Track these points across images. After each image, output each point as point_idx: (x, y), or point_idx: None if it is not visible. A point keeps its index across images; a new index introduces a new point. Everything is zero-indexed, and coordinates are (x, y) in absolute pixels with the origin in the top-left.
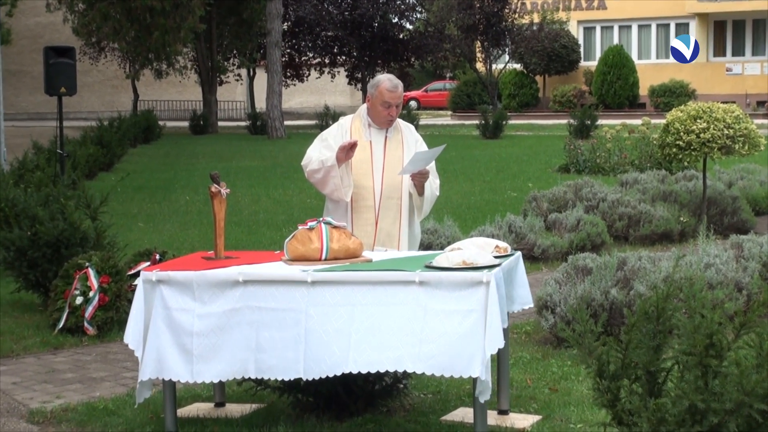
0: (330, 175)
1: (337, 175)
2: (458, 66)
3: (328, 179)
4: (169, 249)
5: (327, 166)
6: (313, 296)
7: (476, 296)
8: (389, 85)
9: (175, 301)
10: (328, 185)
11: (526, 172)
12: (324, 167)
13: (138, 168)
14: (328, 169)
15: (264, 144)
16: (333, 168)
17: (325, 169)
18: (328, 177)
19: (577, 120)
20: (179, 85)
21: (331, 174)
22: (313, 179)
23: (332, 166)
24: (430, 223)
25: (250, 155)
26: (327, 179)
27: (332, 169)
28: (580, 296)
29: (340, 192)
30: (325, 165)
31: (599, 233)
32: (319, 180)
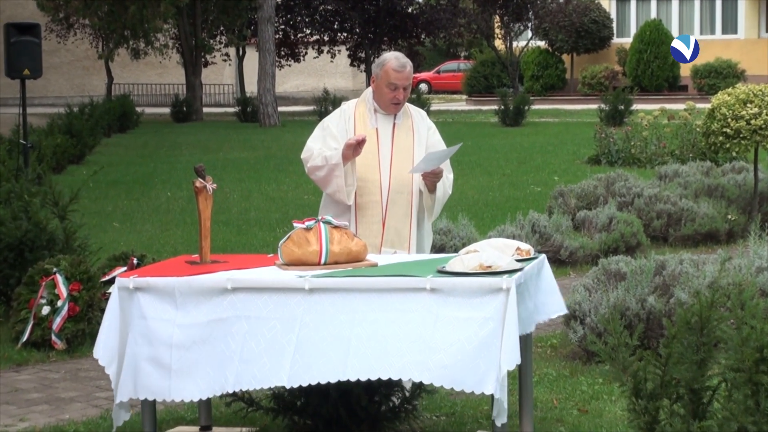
0: (334, 174)
1: (341, 175)
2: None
3: (331, 178)
4: (148, 252)
5: (331, 164)
6: (310, 305)
7: (494, 304)
8: (396, 64)
9: (154, 311)
10: (331, 185)
11: (552, 164)
12: (327, 165)
13: (113, 160)
14: (332, 167)
15: (255, 133)
16: (338, 167)
17: (329, 167)
18: (332, 176)
19: (609, 105)
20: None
21: (335, 173)
22: (314, 176)
23: (336, 165)
24: (442, 222)
25: (239, 146)
26: (330, 178)
27: (336, 168)
28: (613, 305)
29: (342, 194)
30: (328, 162)
31: (634, 233)
32: (320, 178)
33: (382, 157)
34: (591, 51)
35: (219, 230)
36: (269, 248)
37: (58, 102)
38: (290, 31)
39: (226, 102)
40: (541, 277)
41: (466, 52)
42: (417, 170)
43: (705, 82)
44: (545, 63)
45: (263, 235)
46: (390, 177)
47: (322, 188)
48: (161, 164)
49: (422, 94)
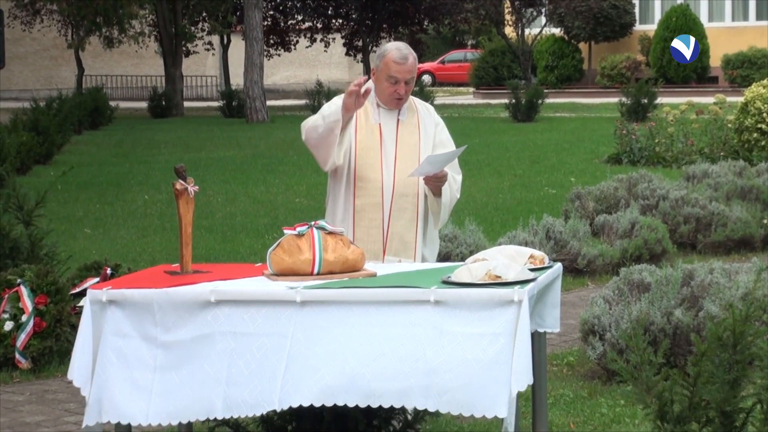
0: (334, 133)
1: (337, 132)
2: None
3: (332, 138)
4: (124, 261)
5: (330, 121)
6: (302, 319)
7: (505, 318)
8: (397, 55)
9: (130, 327)
10: (322, 147)
11: (568, 163)
12: (326, 123)
13: (83, 160)
14: (331, 125)
15: (241, 129)
16: (338, 123)
17: (328, 126)
18: (332, 135)
19: (630, 98)
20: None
21: (335, 131)
22: (311, 141)
23: (336, 122)
24: (448, 227)
25: (224, 143)
26: (330, 138)
27: (336, 125)
28: (636, 319)
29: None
30: (327, 120)
31: (659, 240)
32: (317, 138)
33: (385, 156)
34: (611, 39)
35: (202, 237)
36: (257, 257)
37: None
38: (280, 18)
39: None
40: (551, 287)
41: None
42: (418, 173)
43: (737, 73)
44: (560, 52)
45: (250, 242)
46: (394, 177)
47: (316, 155)
48: (137, 164)
49: (425, 87)
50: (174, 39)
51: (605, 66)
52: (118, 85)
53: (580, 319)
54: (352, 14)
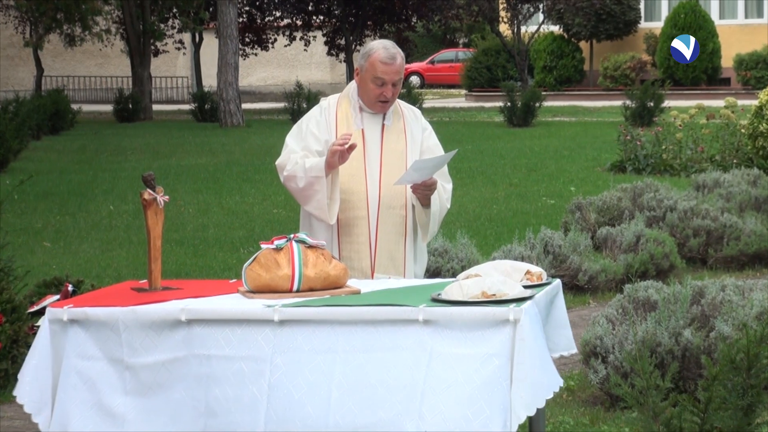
0: (314, 189)
1: (322, 189)
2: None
3: (311, 193)
4: (86, 277)
5: (311, 176)
6: (280, 340)
7: (499, 339)
8: (384, 54)
9: (94, 349)
10: (311, 201)
11: (567, 171)
12: (307, 177)
13: (43, 168)
14: (312, 180)
15: (215, 135)
16: (319, 180)
17: (308, 180)
18: (311, 190)
19: (635, 101)
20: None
21: (315, 187)
22: (291, 188)
23: (318, 178)
24: (437, 240)
25: (195, 150)
26: (309, 193)
27: (318, 182)
28: (642, 340)
29: (324, 212)
30: (308, 174)
31: (666, 254)
32: (298, 191)
33: (369, 165)
34: (614, 37)
35: (172, 251)
36: (231, 272)
37: None
38: (256, 14)
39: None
40: (555, 305)
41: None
42: (404, 181)
43: (751, 74)
44: (559, 52)
45: (224, 256)
46: (379, 188)
47: (301, 203)
48: (102, 172)
49: (413, 89)
50: (142, 37)
51: (608, 66)
52: (80, 87)
53: (581, 340)
54: (335, 10)
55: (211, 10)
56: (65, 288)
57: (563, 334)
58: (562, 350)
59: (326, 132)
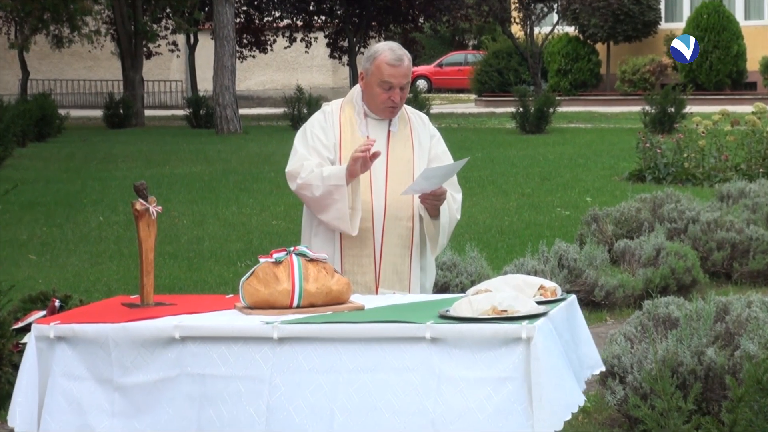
0: (333, 197)
1: (343, 198)
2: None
3: (330, 203)
4: (74, 292)
5: (330, 185)
6: (280, 359)
7: (512, 359)
8: (391, 56)
9: (83, 368)
10: (329, 210)
11: (583, 181)
12: (325, 185)
13: (28, 176)
14: (331, 189)
15: (210, 142)
16: (339, 189)
17: (327, 189)
18: (330, 199)
19: (655, 107)
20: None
21: (334, 196)
22: (307, 197)
23: (338, 187)
24: (446, 254)
25: (190, 158)
26: (328, 202)
27: (337, 191)
28: (662, 359)
29: (345, 222)
30: (327, 183)
31: (688, 268)
32: (314, 200)
33: (374, 174)
34: (633, 39)
35: (165, 264)
36: (228, 287)
37: None
38: (254, 14)
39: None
40: (574, 322)
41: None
42: (413, 190)
43: None
44: (575, 54)
45: (220, 270)
46: (385, 198)
47: (315, 212)
48: (91, 181)
49: (420, 94)
50: (133, 38)
51: (626, 70)
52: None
53: None
54: (337, 10)
55: (206, 10)
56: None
57: (588, 351)
58: (592, 369)
59: (333, 136)
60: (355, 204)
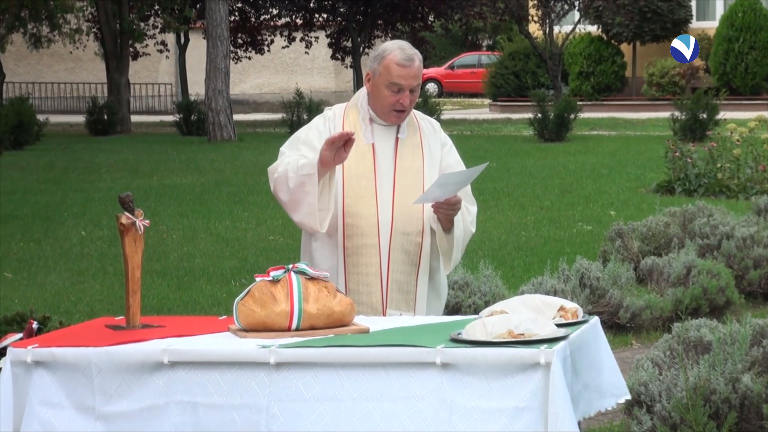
0: (305, 190)
1: (313, 190)
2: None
3: (302, 196)
4: (54, 313)
5: (303, 174)
6: (278, 387)
7: (530, 387)
8: (401, 56)
9: (61, 395)
10: (301, 206)
11: (607, 193)
12: (298, 176)
13: (4, 187)
14: (303, 179)
15: (202, 150)
16: (311, 178)
17: (299, 180)
18: (302, 191)
19: (686, 113)
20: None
21: (306, 187)
22: (282, 193)
23: (310, 175)
24: (458, 272)
25: (180, 168)
26: (300, 195)
27: (310, 180)
28: (694, 386)
29: (313, 218)
30: (300, 173)
31: (722, 288)
32: (288, 195)
33: (380, 185)
34: (661, 39)
35: (153, 283)
36: (221, 308)
37: None
38: (250, 12)
39: (162, 108)
40: (597, 346)
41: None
42: (425, 199)
43: None
44: (598, 55)
45: (213, 289)
46: (392, 211)
47: (290, 212)
48: (72, 193)
49: (430, 98)
50: (118, 38)
51: (654, 73)
52: (48, 95)
53: None
54: (340, 8)
55: (198, 7)
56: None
57: (615, 379)
58: (618, 397)
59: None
60: (327, 203)
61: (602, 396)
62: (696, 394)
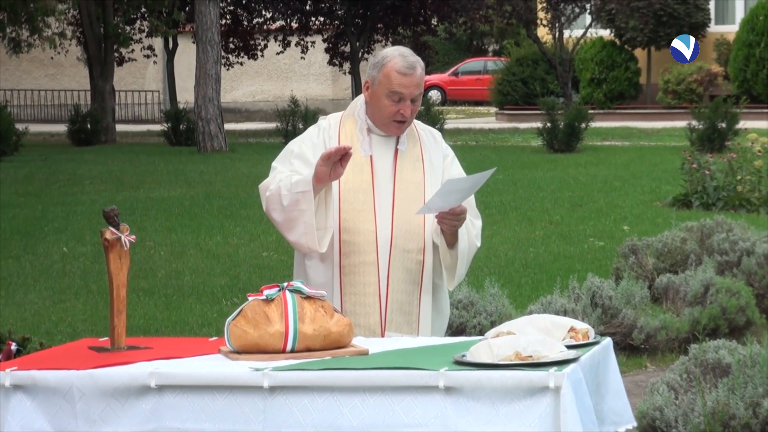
0: (300, 208)
1: (310, 208)
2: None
3: (297, 215)
4: (34, 334)
5: (297, 192)
6: (272, 412)
7: (538, 412)
8: (402, 63)
9: (41, 421)
10: (297, 226)
11: (620, 207)
12: (292, 194)
13: None
14: (298, 196)
15: (191, 161)
16: (306, 195)
17: (293, 198)
18: (297, 210)
19: (704, 122)
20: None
21: (301, 206)
22: (275, 213)
23: (305, 192)
24: (462, 290)
25: (168, 180)
26: (295, 214)
27: (305, 198)
28: (712, 411)
29: (311, 237)
30: (293, 190)
31: (742, 308)
32: (282, 214)
33: (379, 199)
34: None
35: (139, 302)
36: (212, 328)
37: None
38: (242, 15)
39: (149, 116)
40: (606, 370)
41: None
42: (429, 209)
43: None
44: (610, 61)
45: (203, 309)
46: (392, 227)
47: (285, 233)
48: (54, 206)
49: (432, 106)
50: (103, 42)
51: (669, 79)
52: (27, 103)
53: (636, 411)
54: (338, 10)
55: (187, 9)
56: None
57: (618, 405)
58: (618, 425)
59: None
60: (326, 222)
61: (601, 422)
62: (714, 420)
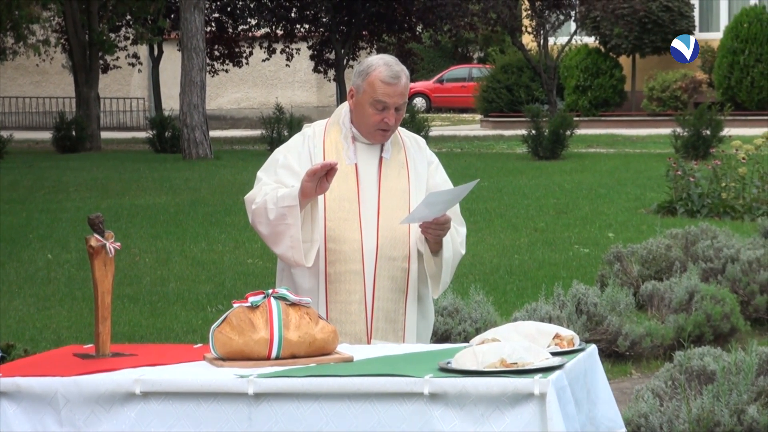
0: (286, 222)
1: (296, 223)
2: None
3: (283, 228)
4: (18, 341)
5: (283, 206)
6: (257, 419)
7: (524, 419)
8: (387, 72)
9: (27, 427)
10: (283, 239)
11: (605, 214)
12: (278, 208)
13: None
14: (284, 210)
15: (176, 168)
16: (292, 210)
17: (279, 212)
18: (283, 224)
19: (688, 129)
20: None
21: (288, 220)
22: (261, 226)
23: (291, 207)
24: (447, 297)
25: (153, 187)
26: (281, 228)
27: (291, 212)
28: (696, 418)
29: (297, 251)
30: (280, 204)
31: (726, 314)
32: (269, 228)
33: (364, 207)
34: (662, 51)
35: (124, 309)
36: (196, 335)
37: None
38: (227, 22)
39: (134, 124)
40: (593, 377)
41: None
42: (413, 219)
43: None
44: (595, 69)
45: (188, 316)
46: (377, 235)
47: (271, 245)
48: (38, 213)
49: (417, 113)
50: (88, 49)
51: (654, 87)
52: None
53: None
54: (322, 18)
55: (172, 17)
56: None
57: (607, 411)
58: (608, 430)
59: (309, 166)
60: (312, 235)
61: (596, 429)
62: (699, 427)
